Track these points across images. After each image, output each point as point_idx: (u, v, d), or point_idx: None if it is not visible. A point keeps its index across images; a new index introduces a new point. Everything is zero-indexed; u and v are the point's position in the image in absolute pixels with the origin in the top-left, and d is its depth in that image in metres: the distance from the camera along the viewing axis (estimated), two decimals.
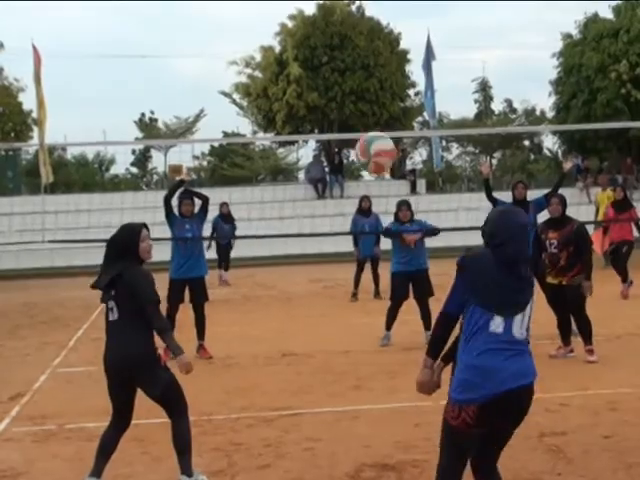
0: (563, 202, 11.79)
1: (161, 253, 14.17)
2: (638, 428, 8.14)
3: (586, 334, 11.43)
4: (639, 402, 9.08)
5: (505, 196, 14.75)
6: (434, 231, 13.55)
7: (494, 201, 13.65)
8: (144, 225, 7.23)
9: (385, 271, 15.13)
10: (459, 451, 5.27)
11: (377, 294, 18.38)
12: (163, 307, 12.82)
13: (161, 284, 13.71)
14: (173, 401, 7.11)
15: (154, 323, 6.87)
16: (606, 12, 37.07)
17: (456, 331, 5.30)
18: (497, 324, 5.00)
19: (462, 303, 5.13)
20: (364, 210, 19.00)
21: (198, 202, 13.21)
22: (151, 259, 7.09)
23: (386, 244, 14.89)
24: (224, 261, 23.19)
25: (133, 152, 60.63)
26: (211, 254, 22.36)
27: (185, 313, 13.09)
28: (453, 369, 5.24)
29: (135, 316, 6.86)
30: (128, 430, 8.61)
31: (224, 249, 23.02)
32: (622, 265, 17.67)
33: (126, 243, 7.05)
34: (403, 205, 13.71)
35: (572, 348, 11.68)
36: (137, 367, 6.84)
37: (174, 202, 12.99)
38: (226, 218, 22.79)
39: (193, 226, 13.06)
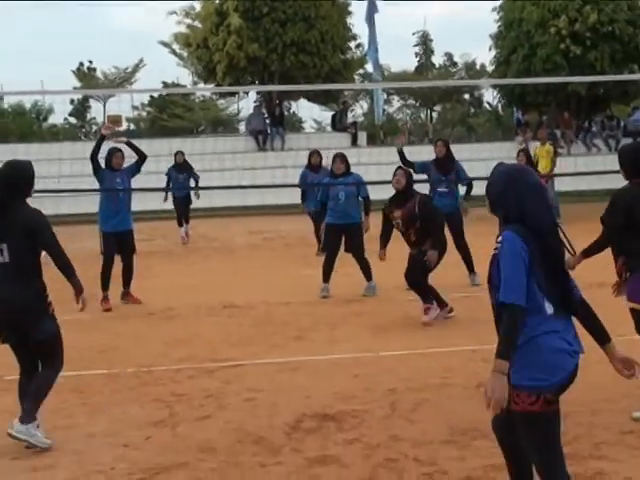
0: (408, 175, 11.42)
1: (92, 205, 14.13)
2: None
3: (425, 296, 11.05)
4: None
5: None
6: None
7: (411, 165, 13.62)
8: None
9: None
10: (555, 434, 4.65)
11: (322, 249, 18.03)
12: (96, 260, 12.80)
13: (88, 235, 13.45)
14: (52, 353, 7.02)
15: (58, 261, 6.94)
16: None
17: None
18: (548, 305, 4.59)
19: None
20: (314, 166, 18.51)
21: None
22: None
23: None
24: (183, 215, 21.65)
25: (72, 102, 59.90)
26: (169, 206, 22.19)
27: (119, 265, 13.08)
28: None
29: (27, 258, 6.82)
30: (68, 381, 8.61)
31: (181, 202, 21.74)
32: None
33: (18, 182, 7.08)
34: (337, 157, 13.61)
35: (450, 308, 11.23)
36: (26, 312, 6.75)
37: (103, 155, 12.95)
38: (180, 167, 21.84)
39: (124, 179, 13.02)
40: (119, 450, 6.67)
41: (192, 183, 21.85)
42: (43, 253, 6.96)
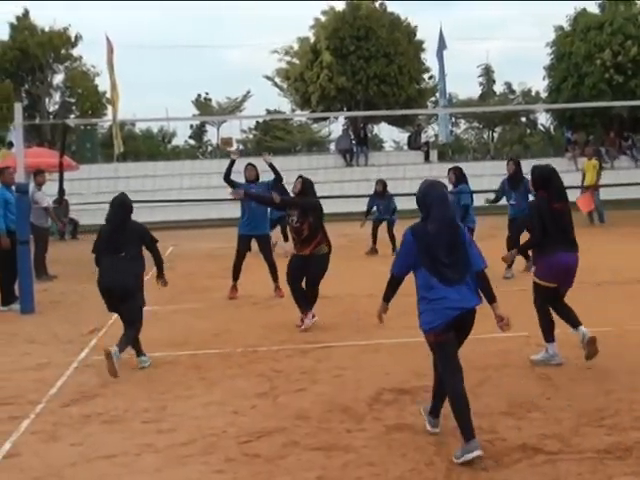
0: (306, 183, 10.55)
1: (208, 212, 14.21)
2: (615, 360, 8.12)
3: (309, 303, 10.49)
4: (616, 339, 9.04)
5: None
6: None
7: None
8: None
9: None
10: (447, 355, 5.91)
11: (394, 250, 18.17)
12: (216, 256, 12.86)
13: (205, 237, 13.49)
14: (140, 316, 8.85)
15: (156, 258, 9.20)
16: (593, 7, 36.70)
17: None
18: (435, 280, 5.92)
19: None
20: (378, 193, 19.52)
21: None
22: None
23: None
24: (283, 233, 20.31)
25: (191, 127, 60.80)
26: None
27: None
28: None
29: (136, 255, 8.84)
30: (188, 359, 8.75)
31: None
32: None
33: (131, 206, 9.01)
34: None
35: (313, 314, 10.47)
36: (132, 288, 8.75)
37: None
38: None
39: (258, 190, 12.61)
40: (230, 417, 6.73)
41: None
42: None
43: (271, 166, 13.05)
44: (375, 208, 19.77)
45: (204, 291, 13.69)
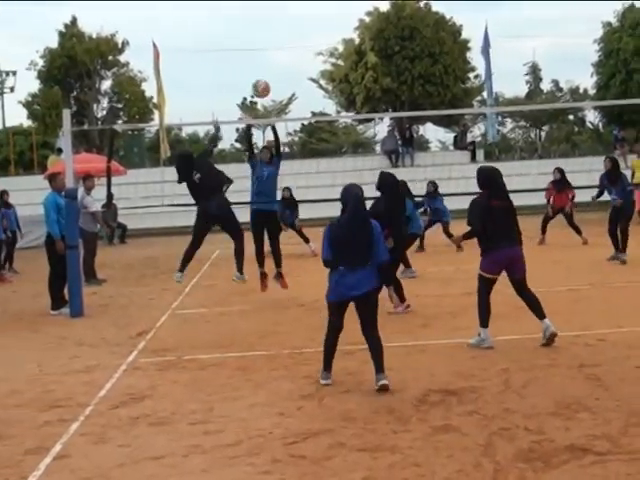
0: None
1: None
2: None
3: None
4: None
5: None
6: None
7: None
8: None
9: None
10: (333, 316, 7.74)
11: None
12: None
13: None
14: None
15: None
16: None
17: None
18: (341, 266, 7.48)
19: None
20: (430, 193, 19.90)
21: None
22: None
23: None
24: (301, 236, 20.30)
25: (237, 130, 61.13)
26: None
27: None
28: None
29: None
30: (234, 361, 8.80)
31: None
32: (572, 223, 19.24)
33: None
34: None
35: None
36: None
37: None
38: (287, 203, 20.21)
39: (270, 171, 12.90)
40: (276, 418, 6.75)
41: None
42: None
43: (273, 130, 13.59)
44: (428, 209, 19.81)
45: (251, 293, 13.74)
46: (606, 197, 16.10)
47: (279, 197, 19.84)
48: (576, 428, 6.10)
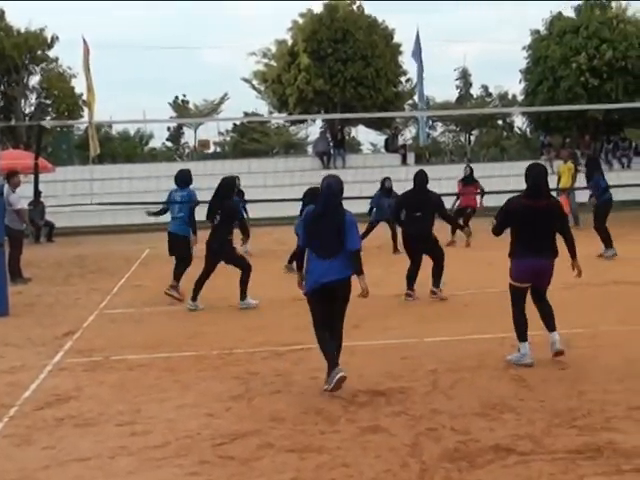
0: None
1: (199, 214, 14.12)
2: (588, 361, 8.19)
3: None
4: (590, 340, 9.12)
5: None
6: None
7: None
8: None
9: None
10: (315, 311, 7.65)
11: (395, 249, 18.05)
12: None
13: (204, 239, 13.23)
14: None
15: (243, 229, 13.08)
16: (569, 11, 36.89)
17: None
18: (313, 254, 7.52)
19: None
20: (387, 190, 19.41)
21: None
22: None
23: None
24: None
25: (168, 129, 60.73)
26: None
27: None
28: None
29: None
30: (162, 362, 8.74)
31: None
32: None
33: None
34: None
35: None
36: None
37: None
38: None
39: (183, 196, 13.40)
40: (204, 419, 6.72)
41: None
42: None
43: None
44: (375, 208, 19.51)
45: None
46: None
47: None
48: (501, 428, 6.20)
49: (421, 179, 12.44)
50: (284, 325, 10.63)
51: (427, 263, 12.18)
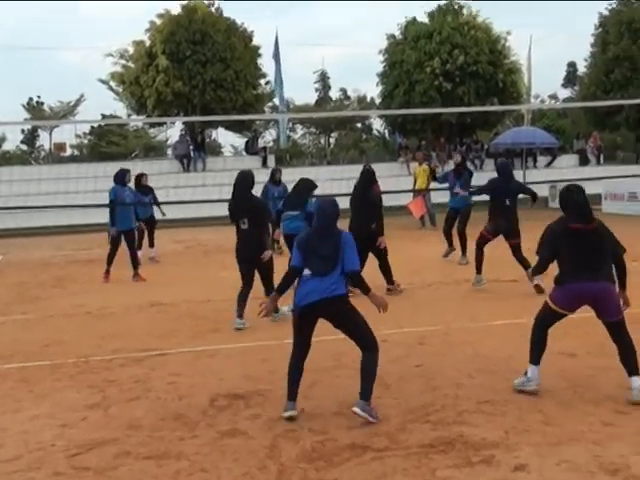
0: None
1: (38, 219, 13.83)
2: (442, 358, 8.43)
3: None
4: (443, 337, 9.39)
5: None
6: None
7: None
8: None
9: None
10: (298, 330, 6.89)
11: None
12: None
13: (60, 244, 12.97)
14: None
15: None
16: (422, 17, 37.85)
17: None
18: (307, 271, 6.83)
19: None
20: (276, 181, 19.18)
21: None
22: None
23: None
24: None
25: (22, 131, 59.18)
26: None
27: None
28: None
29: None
30: (16, 372, 8.48)
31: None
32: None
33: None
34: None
35: None
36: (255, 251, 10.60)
37: None
38: (145, 189, 19.30)
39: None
40: (58, 430, 6.56)
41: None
42: None
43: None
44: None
45: (35, 301, 13.27)
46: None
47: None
48: (358, 427, 6.31)
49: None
50: (141, 331, 10.49)
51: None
